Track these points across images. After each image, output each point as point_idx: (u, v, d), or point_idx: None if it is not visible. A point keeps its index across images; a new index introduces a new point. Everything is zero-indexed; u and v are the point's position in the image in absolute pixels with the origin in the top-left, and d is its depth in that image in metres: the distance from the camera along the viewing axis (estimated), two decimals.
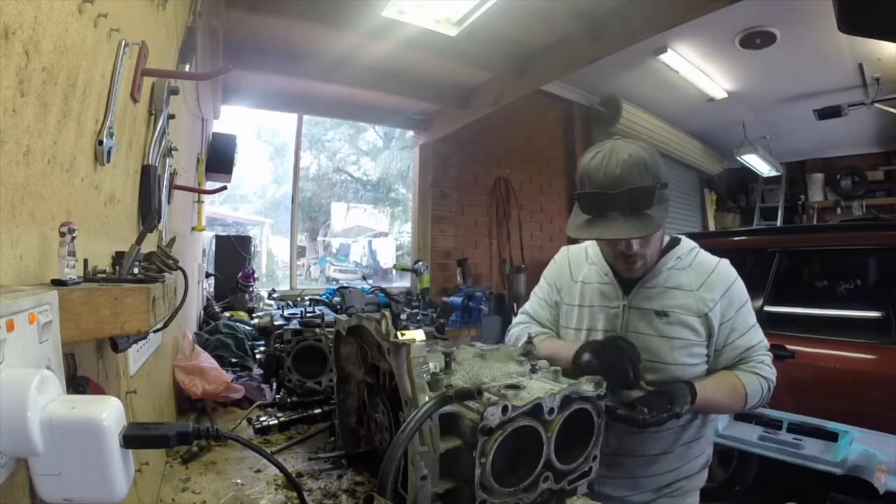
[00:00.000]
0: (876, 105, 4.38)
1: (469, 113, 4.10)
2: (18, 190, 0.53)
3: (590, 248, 1.38)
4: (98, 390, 0.66)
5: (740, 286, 1.24)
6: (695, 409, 1.14)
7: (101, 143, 0.75)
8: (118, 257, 0.78)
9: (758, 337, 1.24)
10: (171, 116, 1.26)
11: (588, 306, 1.31)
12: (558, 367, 0.93)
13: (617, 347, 1.14)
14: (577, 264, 1.39)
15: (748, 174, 6.97)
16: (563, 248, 1.47)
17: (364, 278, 5.03)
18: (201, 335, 2.21)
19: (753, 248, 3.07)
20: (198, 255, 2.95)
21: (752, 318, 1.25)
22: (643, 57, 4.14)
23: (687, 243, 1.30)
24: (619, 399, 1.08)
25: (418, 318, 3.79)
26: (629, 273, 1.25)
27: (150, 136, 1.12)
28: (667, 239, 1.28)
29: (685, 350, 1.19)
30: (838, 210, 6.49)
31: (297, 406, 1.52)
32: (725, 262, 1.27)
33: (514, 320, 1.51)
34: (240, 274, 3.41)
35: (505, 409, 0.72)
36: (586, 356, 1.14)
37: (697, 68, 4.41)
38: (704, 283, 1.22)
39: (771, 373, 1.22)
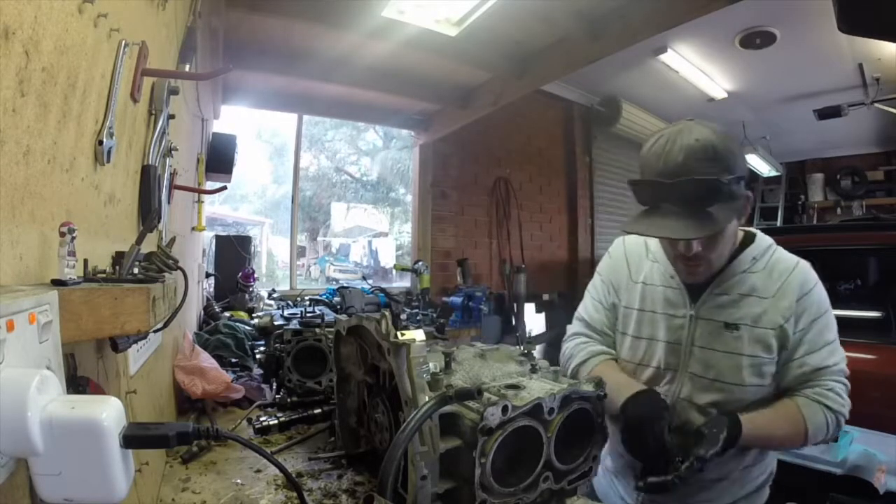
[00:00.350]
0: (876, 105, 4.38)
1: (469, 113, 4.10)
2: (18, 190, 0.53)
3: (650, 240, 1.20)
4: (98, 390, 0.66)
5: (820, 293, 1.07)
6: (741, 446, 1.00)
7: (101, 143, 0.75)
8: (118, 257, 0.78)
9: (834, 358, 1.04)
10: (171, 116, 1.26)
11: (650, 311, 1.15)
12: (558, 367, 0.93)
13: (645, 428, 0.95)
14: (637, 261, 1.22)
15: (748, 174, 6.96)
16: (618, 241, 1.28)
17: (364, 278, 5.03)
18: (201, 335, 2.21)
19: None
20: (198, 255, 2.95)
21: (831, 335, 1.06)
22: (643, 57, 4.14)
23: (762, 240, 1.12)
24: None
25: (418, 318, 3.79)
26: (691, 278, 1.09)
27: (150, 136, 1.12)
28: (740, 235, 1.12)
29: (755, 369, 1.04)
30: (838, 210, 6.49)
31: (297, 406, 1.52)
32: (805, 263, 1.09)
33: (569, 329, 1.32)
34: (240, 274, 3.41)
35: (505, 409, 0.72)
36: (621, 426, 0.99)
37: (697, 68, 4.41)
38: (780, 289, 1.05)
39: (842, 405, 1.03)
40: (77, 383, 0.60)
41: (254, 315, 2.96)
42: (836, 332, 1.07)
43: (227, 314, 2.90)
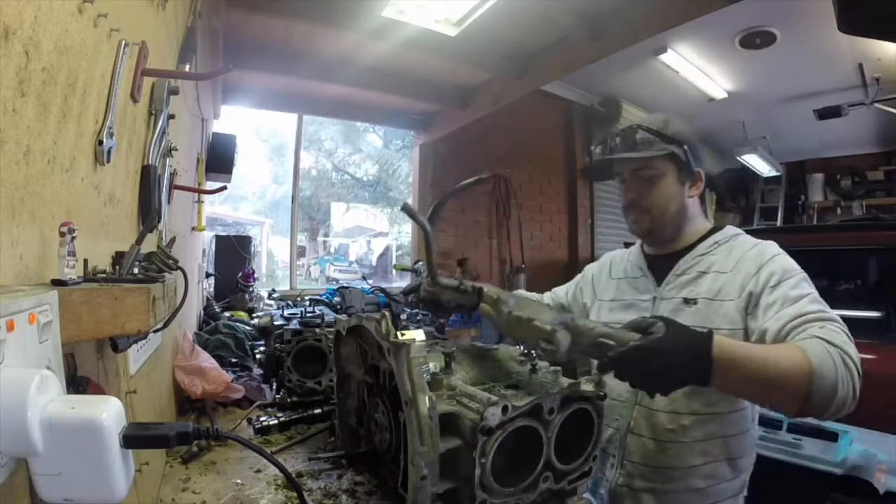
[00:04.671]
0: (876, 105, 4.37)
1: (469, 113, 4.10)
2: (18, 190, 0.53)
3: (634, 248, 1.34)
4: (98, 390, 0.66)
5: (784, 261, 1.02)
6: (722, 370, 0.78)
7: (101, 143, 0.75)
8: (118, 257, 0.78)
9: (817, 306, 0.92)
10: (171, 116, 1.26)
11: (619, 300, 1.27)
12: (559, 368, 0.93)
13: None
14: (618, 263, 1.37)
15: (748, 174, 6.97)
16: (608, 252, 1.48)
17: (364, 278, 5.03)
18: (201, 335, 2.21)
19: None
20: (198, 255, 2.95)
21: (808, 290, 0.95)
22: (643, 57, 4.14)
23: (731, 229, 1.20)
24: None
25: (418, 318, 3.79)
26: (635, 228, 1.22)
27: (150, 136, 1.12)
28: (708, 225, 1.21)
29: None
30: (838, 210, 6.48)
31: (297, 406, 1.52)
32: (769, 242, 1.10)
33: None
34: (240, 274, 3.41)
35: (505, 409, 0.72)
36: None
37: (697, 68, 4.41)
38: (738, 263, 1.07)
39: (845, 341, 0.84)
40: (77, 383, 0.60)
41: (254, 315, 2.96)
42: (814, 292, 0.96)
43: (227, 314, 2.90)
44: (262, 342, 2.29)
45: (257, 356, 2.08)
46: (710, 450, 1.08)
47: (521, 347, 1.06)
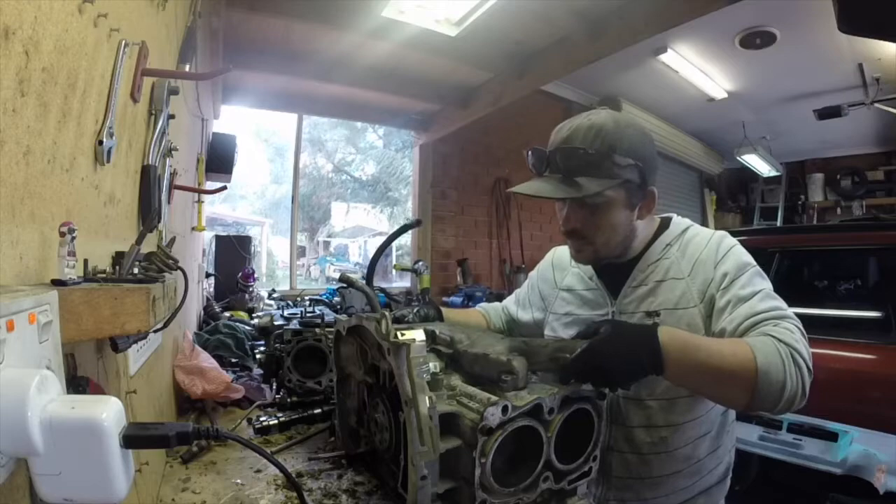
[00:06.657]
0: (876, 105, 4.38)
1: (469, 113, 4.11)
2: (18, 190, 0.53)
3: None
4: (98, 390, 0.66)
5: (737, 255, 1.00)
6: (673, 358, 0.81)
7: (101, 143, 0.75)
8: (118, 257, 0.78)
9: (768, 303, 0.92)
10: (171, 116, 1.26)
11: (573, 315, 1.16)
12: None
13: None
14: (562, 268, 1.25)
15: (748, 174, 6.97)
16: (551, 250, 1.33)
17: (364, 278, 5.03)
18: (201, 335, 2.21)
19: (753, 248, 3.05)
20: (198, 255, 2.95)
21: (760, 286, 0.95)
22: (643, 57, 4.14)
23: (678, 224, 1.11)
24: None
25: None
26: (577, 257, 1.09)
27: (150, 136, 1.12)
28: (657, 222, 1.12)
29: None
30: (838, 210, 6.49)
31: (297, 406, 1.52)
32: (721, 233, 1.06)
33: None
34: (240, 274, 3.41)
35: (505, 409, 0.72)
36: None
37: (697, 68, 4.41)
38: (695, 266, 1.02)
39: (794, 339, 0.85)
40: (77, 383, 0.60)
41: (254, 315, 2.96)
42: (767, 286, 0.96)
43: (227, 314, 2.90)
44: (262, 342, 2.28)
45: (257, 356, 2.08)
46: (693, 452, 1.07)
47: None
